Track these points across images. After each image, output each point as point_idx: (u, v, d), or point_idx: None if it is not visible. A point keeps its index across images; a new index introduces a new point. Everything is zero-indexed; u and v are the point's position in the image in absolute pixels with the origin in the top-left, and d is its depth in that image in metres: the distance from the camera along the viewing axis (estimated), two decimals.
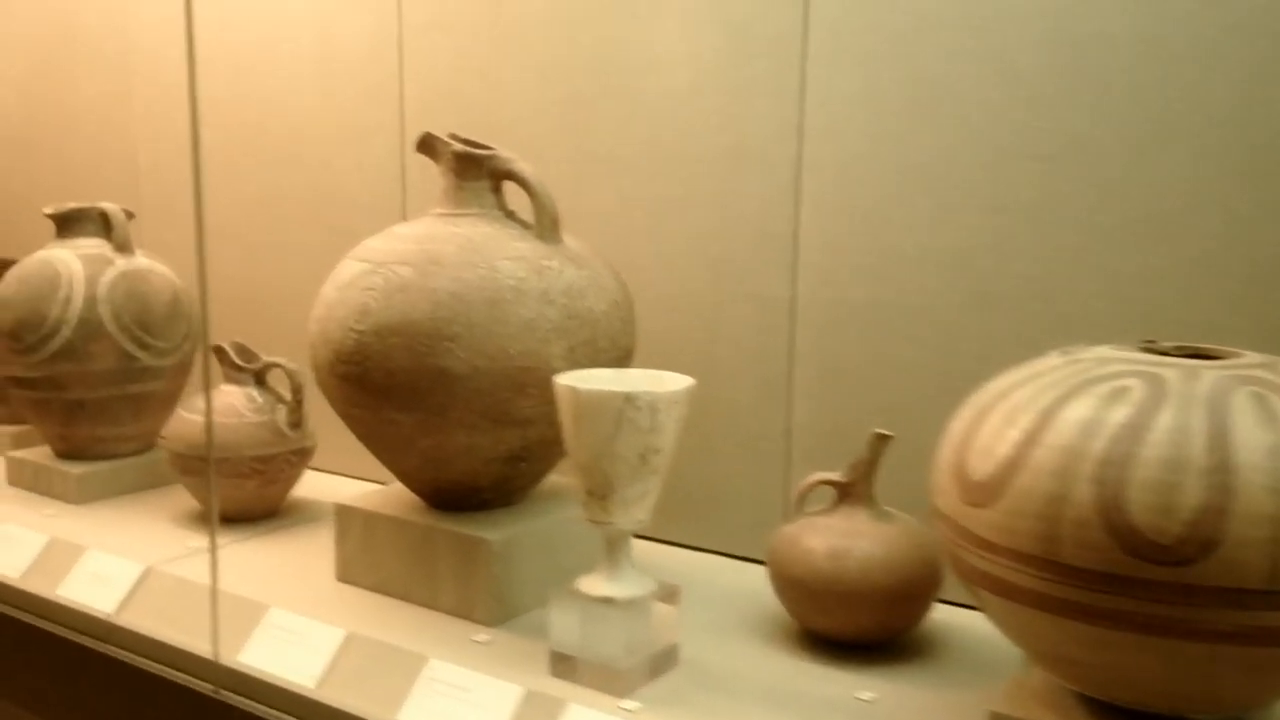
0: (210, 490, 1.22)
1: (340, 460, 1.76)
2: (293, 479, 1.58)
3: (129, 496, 1.69)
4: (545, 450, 1.24)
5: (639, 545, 1.41)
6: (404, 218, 1.69)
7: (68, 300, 1.61)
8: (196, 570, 1.37)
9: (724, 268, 1.40)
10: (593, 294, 1.21)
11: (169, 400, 1.74)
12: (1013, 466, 0.83)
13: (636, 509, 1.05)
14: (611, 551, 1.08)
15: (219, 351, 1.57)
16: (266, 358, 1.57)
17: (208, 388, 1.22)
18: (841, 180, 1.30)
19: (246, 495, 1.53)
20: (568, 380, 1.04)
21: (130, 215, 1.74)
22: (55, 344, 1.60)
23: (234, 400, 1.53)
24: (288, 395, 1.56)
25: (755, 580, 1.36)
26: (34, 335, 1.60)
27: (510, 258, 1.18)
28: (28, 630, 1.41)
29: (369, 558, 1.30)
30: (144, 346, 1.66)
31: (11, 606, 1.43)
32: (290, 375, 1.54)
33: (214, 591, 1.21)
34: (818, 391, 1.35)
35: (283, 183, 1.84)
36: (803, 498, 1.17)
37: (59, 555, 1.45)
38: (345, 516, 1.32)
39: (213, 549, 1.20)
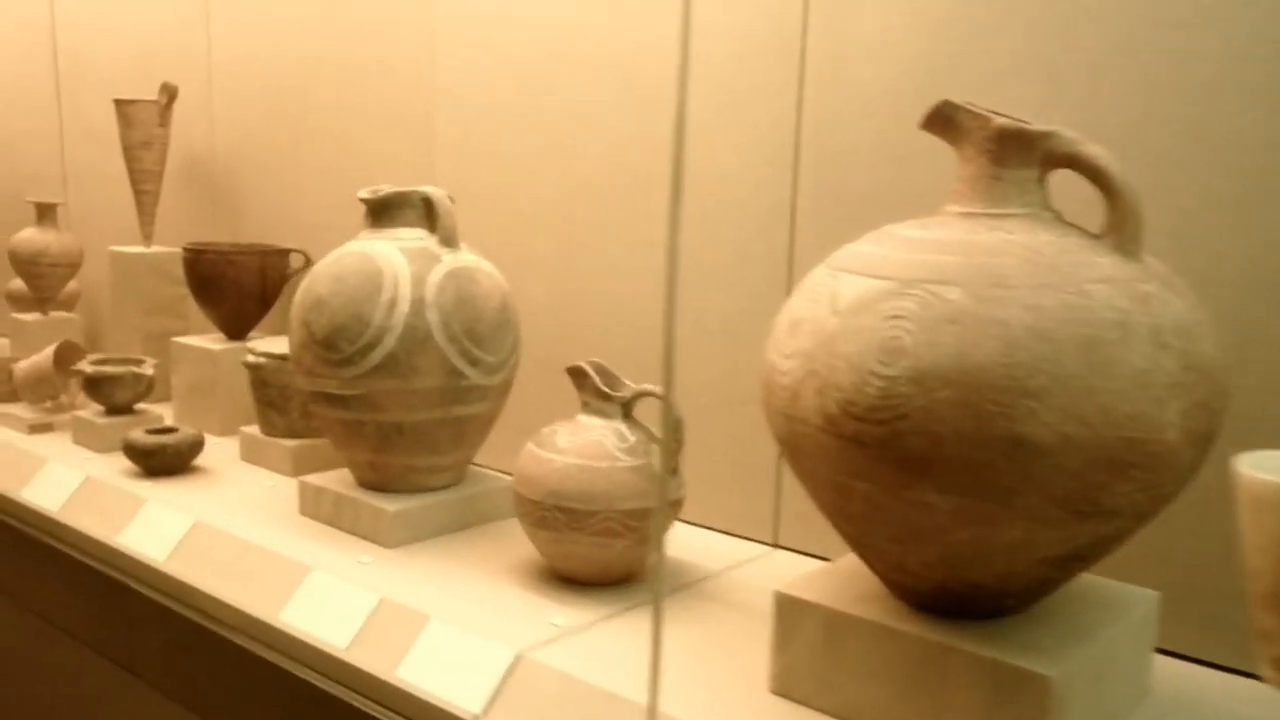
0: (658, 579, 0.90)
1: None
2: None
3: (445, 540, 1.41)
4: (1110, 547, 0.89)
5: (1158, 661, 1.05)
6: (793, 208, 1.36)
7: (392, 304, 1.33)
8: (572, 659, 1.07)
9: None
10: (1204, 333, 0.85)
11: (487, 426, 1.46)
12: None
13: None
14: None
15: (578, 374, 1.26)
16: (633, 384, 1.26)
17: (668, 424, 0.90)
18: None
19: (611, 557, 1.23)
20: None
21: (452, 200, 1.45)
22: (377, 356, 1.33)
23: (601, 438, 1.22)
24: (653, 430, 1.25)
25: None
26: (352, 345, 1.33)
27: (1099, 279, 0.83)
28: (359, 718, 1.13)
29: (828, 672, 0.97)
30: (472, 361, 1.37)
31: (340, 685, 1.16)
32: (668, 407, 1.23)
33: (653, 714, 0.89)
34: None
35: (621, 162, 1.53)
36: None
37: (393, 624, 1.17)
38: (793, 613, 0.99)
39: (654, 668, 0.89)
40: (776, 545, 1.42)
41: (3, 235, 2.73)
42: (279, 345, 1.73)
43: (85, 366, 1.80)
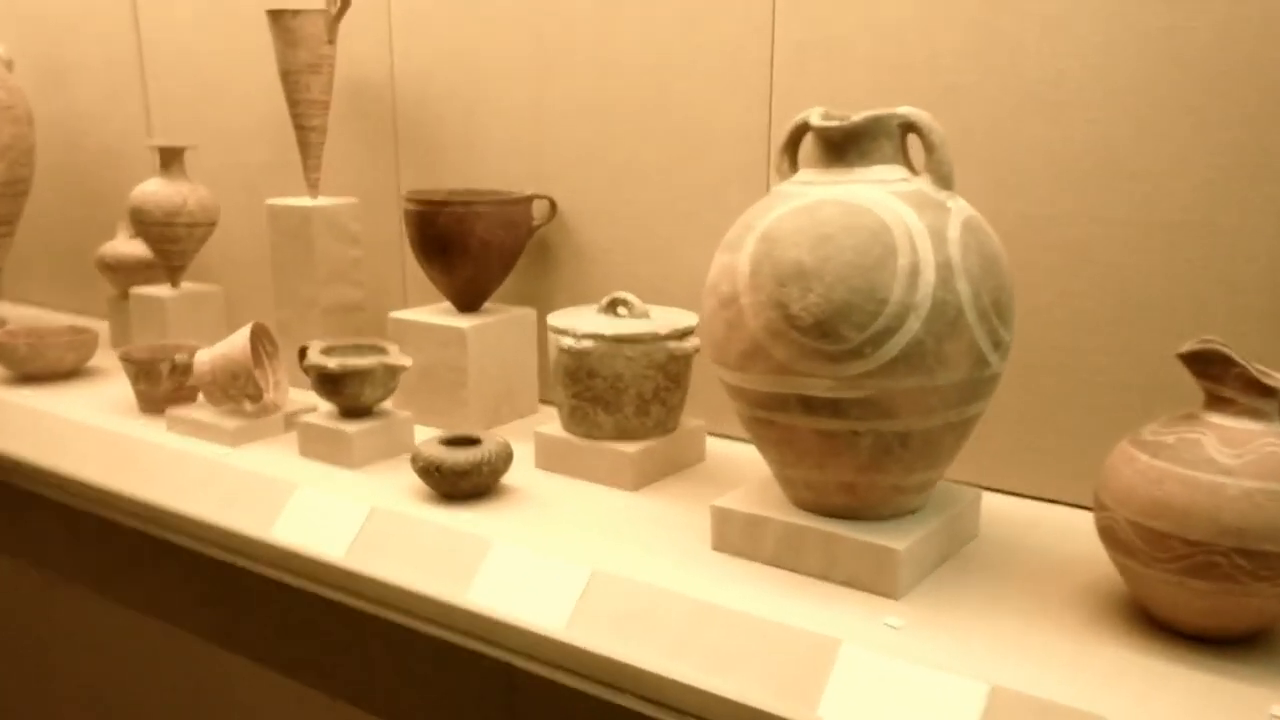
0: None
1: None
2: None
3: (947, 580, 1.06)
4: None
5: None
6: None
7: (913, 272, 0.96)
8: None
9: None
10: None
11: (967, 433, 1.10)
12: None
13: None
14: None
15: (1211, 359, 0.92)
16: (1268, 371, 0.92)
17: None
18: None
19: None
20: None
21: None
22: (896, 344, 0.96)
23: (1278, 450, 0.89)
24: None
25: None
26: (861, 332, 0.96)
27: None
28: None
29: None
30: (996, 343, 1.01)
31: None
32: None
33: None
34: None
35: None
36: None
37: None
38: None
39: None
40: None
41: (73, 192, 2.26)
42: (584, 320, 1.35)
43: (321, 359, 1.38)
